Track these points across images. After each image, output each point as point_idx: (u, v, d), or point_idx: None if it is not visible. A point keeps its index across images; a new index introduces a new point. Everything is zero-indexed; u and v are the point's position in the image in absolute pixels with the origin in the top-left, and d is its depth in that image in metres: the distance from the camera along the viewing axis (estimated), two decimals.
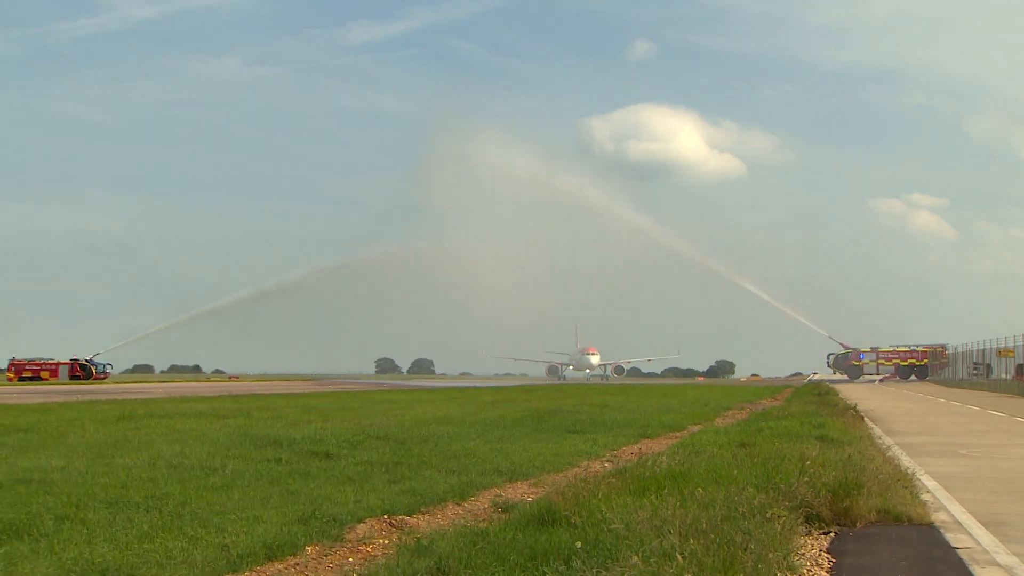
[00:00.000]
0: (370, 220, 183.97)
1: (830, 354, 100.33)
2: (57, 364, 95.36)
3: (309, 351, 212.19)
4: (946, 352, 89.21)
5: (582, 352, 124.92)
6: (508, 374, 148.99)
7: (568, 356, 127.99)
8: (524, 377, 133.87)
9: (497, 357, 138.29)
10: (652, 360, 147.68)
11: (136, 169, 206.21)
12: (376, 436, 17.13)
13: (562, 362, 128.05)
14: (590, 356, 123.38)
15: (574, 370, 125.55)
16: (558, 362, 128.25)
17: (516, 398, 37.14)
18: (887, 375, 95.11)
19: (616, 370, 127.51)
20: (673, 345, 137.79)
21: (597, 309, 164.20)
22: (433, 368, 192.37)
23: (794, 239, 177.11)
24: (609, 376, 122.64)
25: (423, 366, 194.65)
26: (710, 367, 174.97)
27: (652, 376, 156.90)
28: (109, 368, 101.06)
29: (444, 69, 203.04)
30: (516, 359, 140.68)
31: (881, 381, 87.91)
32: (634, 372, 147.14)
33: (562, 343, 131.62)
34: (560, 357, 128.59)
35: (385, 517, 9.19)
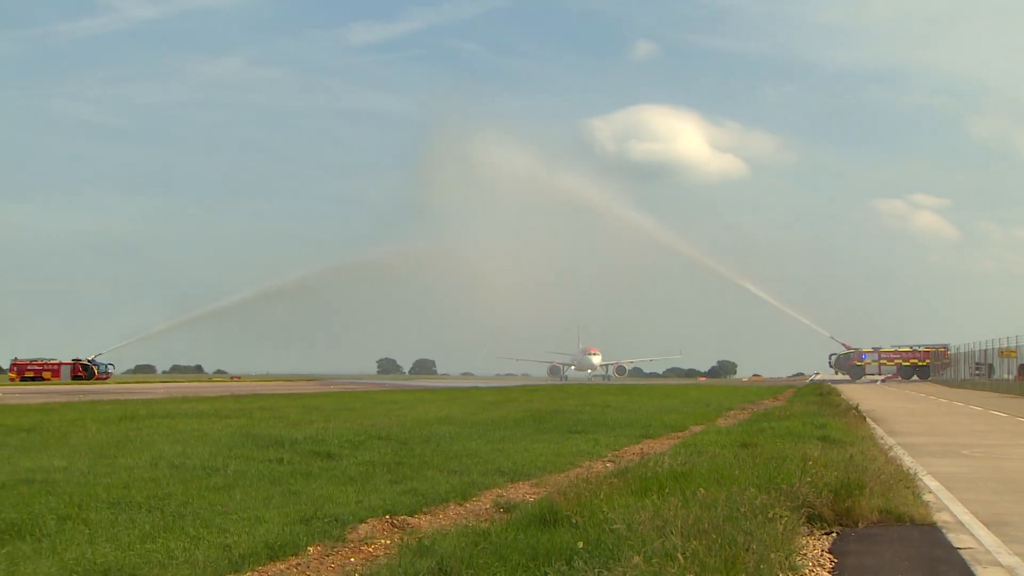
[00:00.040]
0: (372, 220, 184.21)
1: (832, 354, 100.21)
2: (59, 364, 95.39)
3: (311, 351, 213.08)
4: (948, 352, 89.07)
5: (584, 352, 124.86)
6: (510, 374, 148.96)
7: (570, 356, 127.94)
8: (526, 377, 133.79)
9: (499, 357, 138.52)
10: (654, 360, 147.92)
11: (138, 169, 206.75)
12: (378, 436, 17.14)
13: (564, 362, 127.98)
14: (592, 356, 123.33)
15: (576, 370, 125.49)
16: (560, 362, 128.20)
17: (518, 398, 37.13)
18: (889, 375, 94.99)
19: (618, 370, 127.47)
20: (675, 345, 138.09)
21: (599, 309, 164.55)
22: (435, 368, 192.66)
23: (796, 239, 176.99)
24: (611, 376, 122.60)
25: (425, 366, 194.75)
26: (712, 367, 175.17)
27: (654, 376, 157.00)
28: (111, 368, 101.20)
29: (445, 69, 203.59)
30: (518, 359, 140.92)
31: (883, 381, 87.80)
32: (636, 372, 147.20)
33: (564, 343, 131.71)
34: (562, 357, 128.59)
35: (387, 517, 9.19)
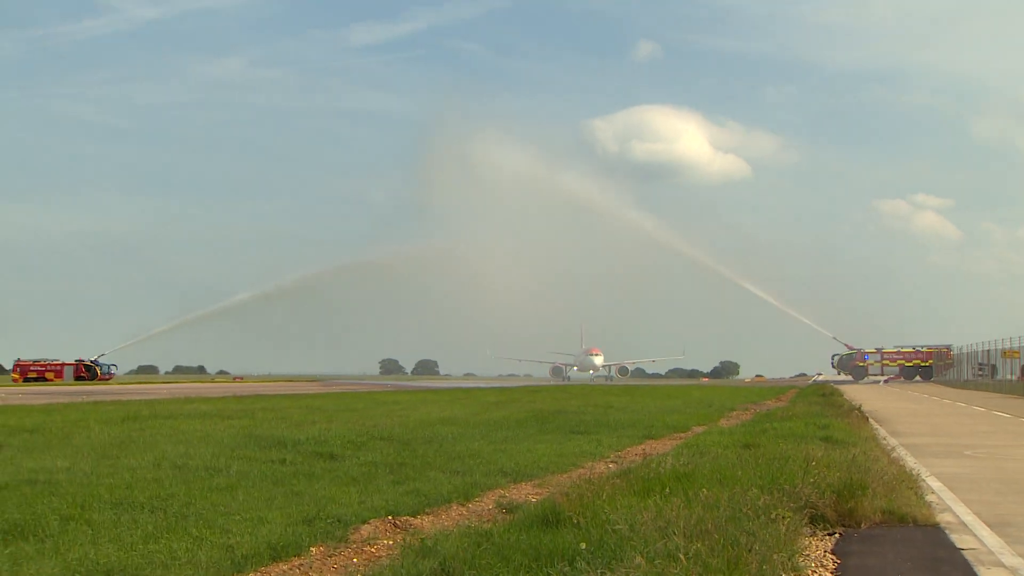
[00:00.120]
0: (372, 220, 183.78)
1: (835, 355, 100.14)
2: (62, 365, 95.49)
3: (313, 352, 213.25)
4: (951, 353, 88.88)
5: (586, 353, 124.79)
6: (512, 375, 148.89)
7: (573, 357, 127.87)
8: (528, 378, 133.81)
9: (501, 358, 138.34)
10: (656, 361, 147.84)
11: (138, 169, 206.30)
12: (380, 437, 17.16)
13: (566, 363, 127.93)
14: (594, 357, 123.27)
15: (578, 371, 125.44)
16: (562, 363, 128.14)
17: (520, 399, 37.13)
18: (892, 376, 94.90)
19: (620, 371, 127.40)
20: (678, 346, 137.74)
21: (602, 310, 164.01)
22: (437, 369, 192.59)
23: (798, 240, 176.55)
24: (613, 377, 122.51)
25: (427, 367, 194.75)
26: (714, 368, 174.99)
27: (656, 377, 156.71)
28: (114, 369, 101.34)
29: (447, 70, 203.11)
30: (520, 360, 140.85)
31: (886, 382, 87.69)
32: (638, 373, 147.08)
33: (566, 344, 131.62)
34: (564, 358, 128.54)
35: (389, 518, 9.20)
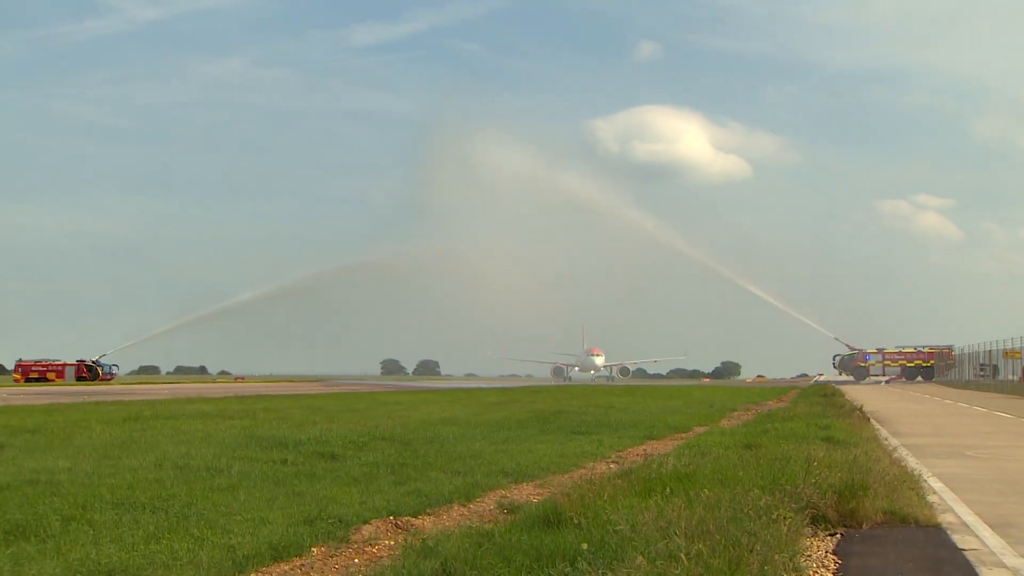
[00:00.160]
0: (372, 220, 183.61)
1: (836, 355, 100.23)
2: (64, 365, 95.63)
3: (314, 352, 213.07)
4: (952, 353, 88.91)
5: (587, 353, 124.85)
6: (513, 375, 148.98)
7: (574, 357, 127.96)
8: (529, 378, 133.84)
9: (502, 358, 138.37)
10: (657, 361, 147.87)
11: (138, 169, 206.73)
12: (382, 437, 17.16)
13: (567, 363, 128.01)
14: (595, 357, 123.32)
15: (579, 371, 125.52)
16: (563, 363, 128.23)
17: (521, 399, 37.13)
18: (893, 376, 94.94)
19: (621, 371, 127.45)
20: (679, 346, 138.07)
21: (603, 310, 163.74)
22: (438, 369, 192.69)
23: (799, 240, 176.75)
24: (614, 377, 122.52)
25: (428, 367, 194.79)
26: (716, 368, 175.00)
27: (657, 377, 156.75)
28: (115, 369, 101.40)
29: (448, 70, 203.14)
30: (521, 360, 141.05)
31: (887, 382, 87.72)
32: (639, 373, 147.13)
33: (568, 344, 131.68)
34: (566, 358, 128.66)
35: (391, 518, 9.20)
